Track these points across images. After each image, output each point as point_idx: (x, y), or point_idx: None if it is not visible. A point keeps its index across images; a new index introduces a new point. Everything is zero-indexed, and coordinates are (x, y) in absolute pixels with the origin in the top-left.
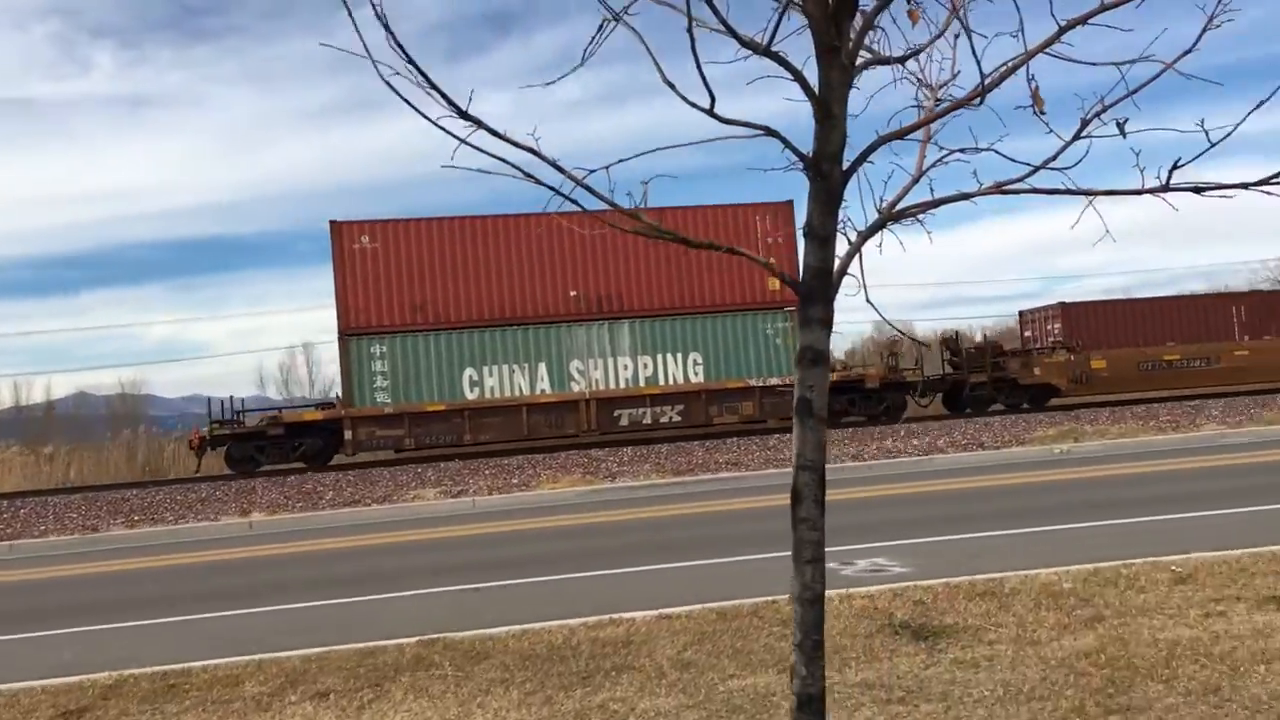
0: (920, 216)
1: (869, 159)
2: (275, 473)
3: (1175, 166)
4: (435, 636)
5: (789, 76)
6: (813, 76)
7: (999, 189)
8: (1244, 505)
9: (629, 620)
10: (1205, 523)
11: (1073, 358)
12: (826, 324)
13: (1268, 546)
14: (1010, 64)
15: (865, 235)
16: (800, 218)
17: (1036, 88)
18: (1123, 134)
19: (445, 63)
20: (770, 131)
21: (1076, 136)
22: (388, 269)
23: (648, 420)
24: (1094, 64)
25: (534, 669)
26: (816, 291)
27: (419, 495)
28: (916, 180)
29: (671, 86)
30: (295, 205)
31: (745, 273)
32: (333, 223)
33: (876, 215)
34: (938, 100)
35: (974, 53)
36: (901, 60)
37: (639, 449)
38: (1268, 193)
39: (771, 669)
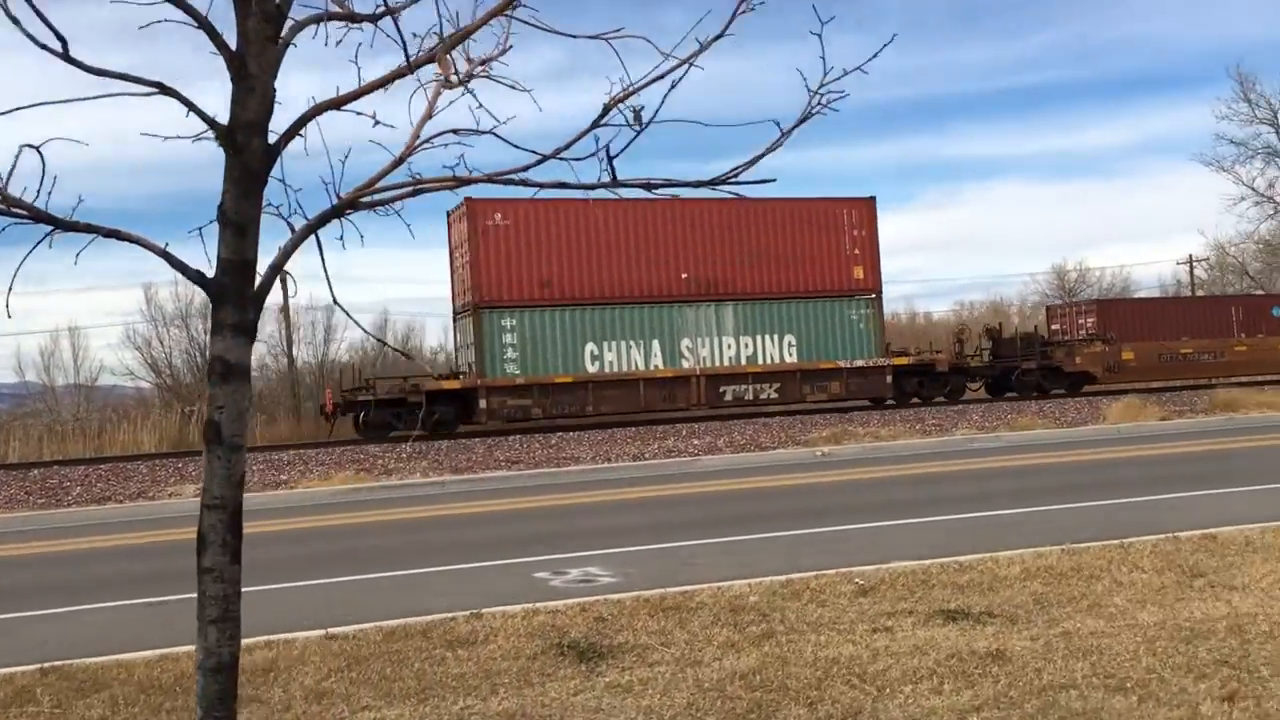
0: (396, 206)
1: (300, 132)
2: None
3: (723, 178)
4: (57, 664)
5: (194, 23)
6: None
7: (488, 179)
8: (960, 511)
9: (287, 642)
10: (918, 530)
11: (1107, 349)
12: (243, 331)
13: (957, 556)
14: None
15: (312, 226)
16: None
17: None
18: (639, 123)
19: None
20: (165, 89)
21: (595, 125)
22: (518, 246)
23: (749, 396)
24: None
25: (149, 702)
26: (229, 290)
27: (176, 492)
28: (400, 162)
29: (15, 22)
30: None
31: (832, 261)
32: (468, 200)
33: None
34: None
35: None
36: (369, 19)
37: (417, 446)
38: (732, 192)
39: (412, 699)
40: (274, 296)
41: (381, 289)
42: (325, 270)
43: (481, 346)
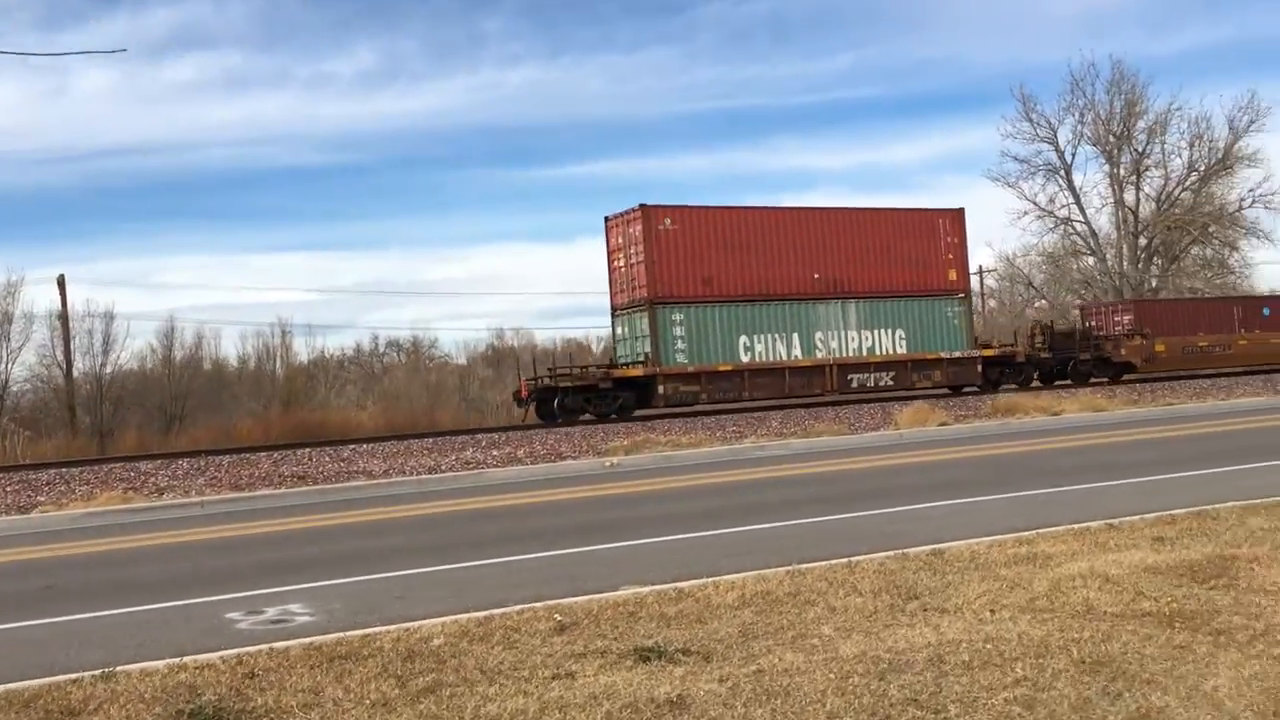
0: None
1: None
2: None
3: None
4: None
5: None
6: None
7: None
8: (712, 527)
9: None
10: (661, 550)
11: (1144, 342)
12: None
13: (681, 582)
14: None
15: None
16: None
17: None
18: None
19: (37, 29)
20: None
21: None
22: (682, 248)
23: (870, 384)
24: None
25: None
26: None
27: None
28: None
29: None
30: None
31: (932, 264)
32: (643, 206)
33: None
34: None
35: None
36: None
37: (195, 461)
38: None
39: None
40: (50, 302)
41: (173, 296)
42: None
43: (656, 338)
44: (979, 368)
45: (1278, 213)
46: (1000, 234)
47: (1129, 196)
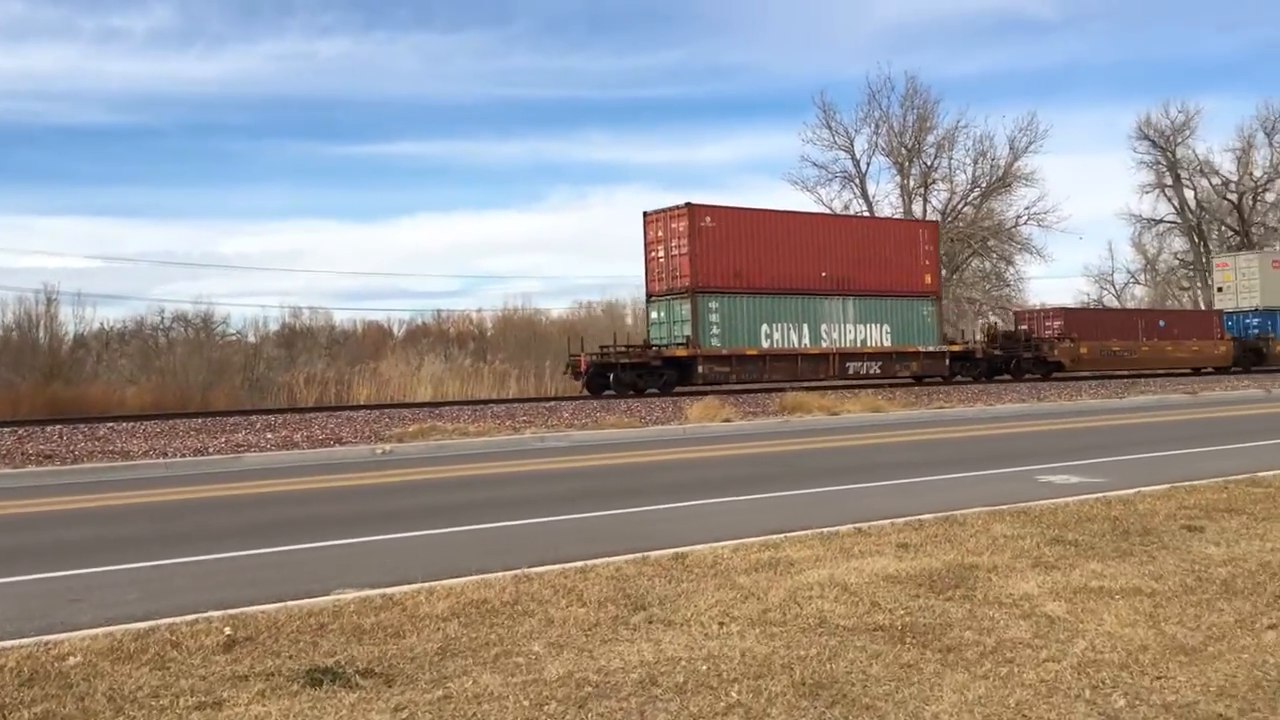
0: None
1: None
2: None
3: None
4: None
5: None
6: None
7: None
8: (471, 522)
9: None
10: (407, 545)
11: (1072, 345)
12: None
13: (402, 586)
14: None
15: None
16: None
17: None
18: None
19: None
20: None
21: None
22: (719, 244)
23: (864, 371)
24: None
25: None
26: None
27: None
28: None
29: None
30: None
31: (913, 269)
32: (689, 205)
33: None
34: None
35: None
36: None
37: None
38: None
39: None
40: None
41: None
42: None
43: (696, 323)
44: (946, 361)
45: (1050, 230)
46: None
47: (917, 207)
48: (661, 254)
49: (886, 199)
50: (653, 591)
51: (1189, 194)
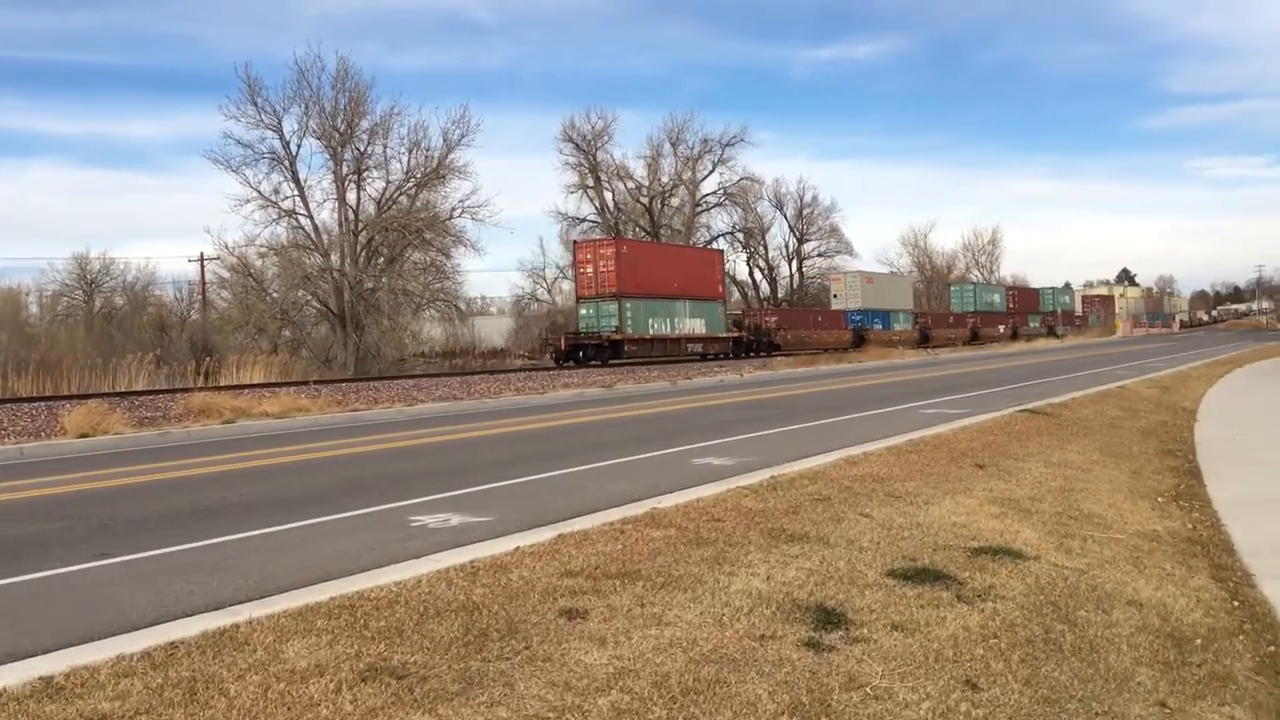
0: None
1: None
2: None
3: None
4: None
5: None
6: None
7: None
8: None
9: None
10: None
11: (786, 333)
12: None
13: None
14: None
15: None
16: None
17: None
18: None
19: None
20: None
21: None
22: (632, 264)
23: (697, 350)
24: None
25: None
26: None
27: None
28: None
29: None
30: None
31: (712, 280)
32: (617, 238)
33: None
34: None
35: None
36: None
37: None
38: None
39: None
40: None
41: None
42: None
43: (622, 317)
44: (731, 344)
45: (484, 225)
46: (221, 221)
47: (351, 196)
48: (591, 270)
49: (320, 185)
50: None
51: (609, 196)
